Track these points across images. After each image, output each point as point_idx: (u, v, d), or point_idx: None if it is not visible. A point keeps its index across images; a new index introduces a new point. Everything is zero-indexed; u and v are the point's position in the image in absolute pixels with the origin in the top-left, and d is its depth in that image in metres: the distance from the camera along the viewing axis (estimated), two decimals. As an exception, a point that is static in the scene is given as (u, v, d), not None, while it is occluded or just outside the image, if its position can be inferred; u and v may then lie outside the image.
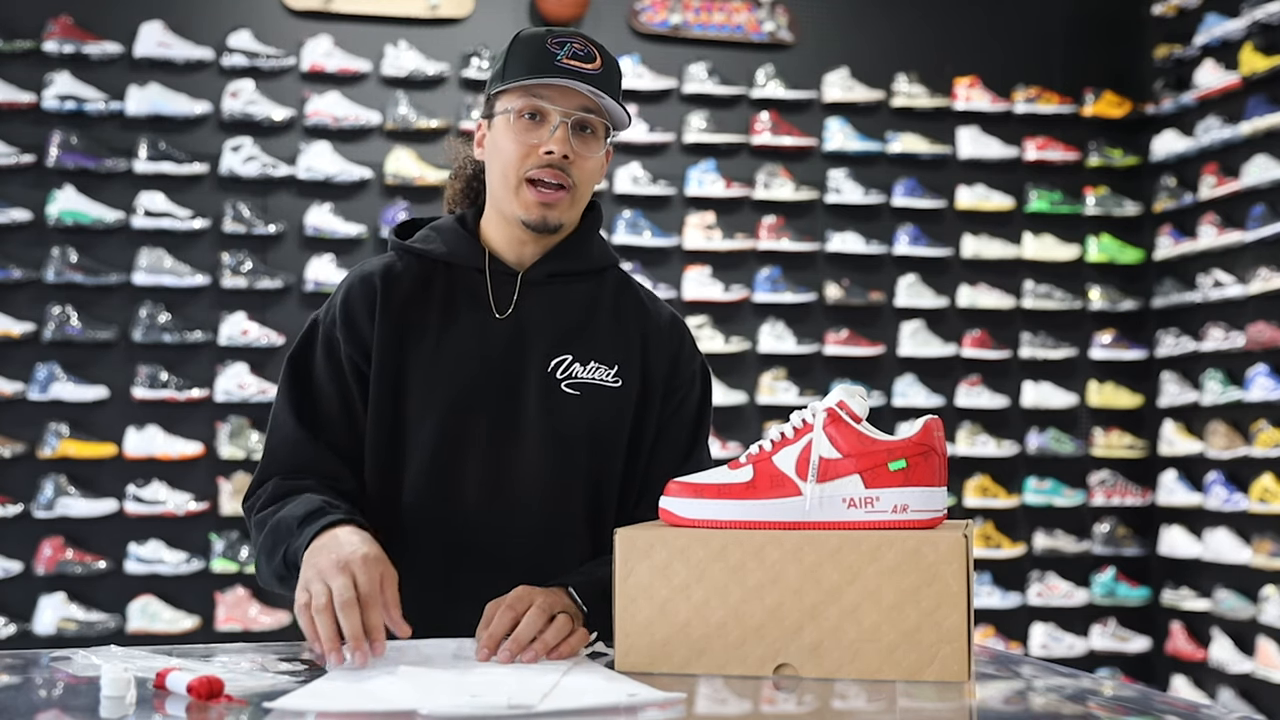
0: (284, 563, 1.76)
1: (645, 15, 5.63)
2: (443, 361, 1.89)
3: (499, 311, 1.92)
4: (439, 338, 1.90)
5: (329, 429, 1.90)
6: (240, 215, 5.16)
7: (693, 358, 2.03)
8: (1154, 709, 1.47)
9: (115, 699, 1.38)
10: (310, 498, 1.78)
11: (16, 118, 5.07)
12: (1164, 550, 5.68)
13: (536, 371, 1.90)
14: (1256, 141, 5.28)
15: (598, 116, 1.89)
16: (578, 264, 1.97)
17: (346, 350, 1.90)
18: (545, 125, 1.87)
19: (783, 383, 5.51)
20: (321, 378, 1.92)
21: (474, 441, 1.88)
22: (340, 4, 5.36)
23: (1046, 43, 5.99)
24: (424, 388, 1.88)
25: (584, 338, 1.93)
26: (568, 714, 1.36)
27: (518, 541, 1.86)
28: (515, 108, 1.87)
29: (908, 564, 1.48)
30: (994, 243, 5.80)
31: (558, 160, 1.86)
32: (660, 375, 1.97)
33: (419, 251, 1.96)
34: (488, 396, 1.89)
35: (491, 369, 1.90)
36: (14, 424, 4.97)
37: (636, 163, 5.51)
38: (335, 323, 1.92)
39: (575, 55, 1.86)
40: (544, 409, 1.89)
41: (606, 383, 1.92)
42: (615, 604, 1.55)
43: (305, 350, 1.94)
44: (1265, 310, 5.19)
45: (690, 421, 2.00)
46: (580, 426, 1.90)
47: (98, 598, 4.95)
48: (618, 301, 2.00)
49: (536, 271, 1.94)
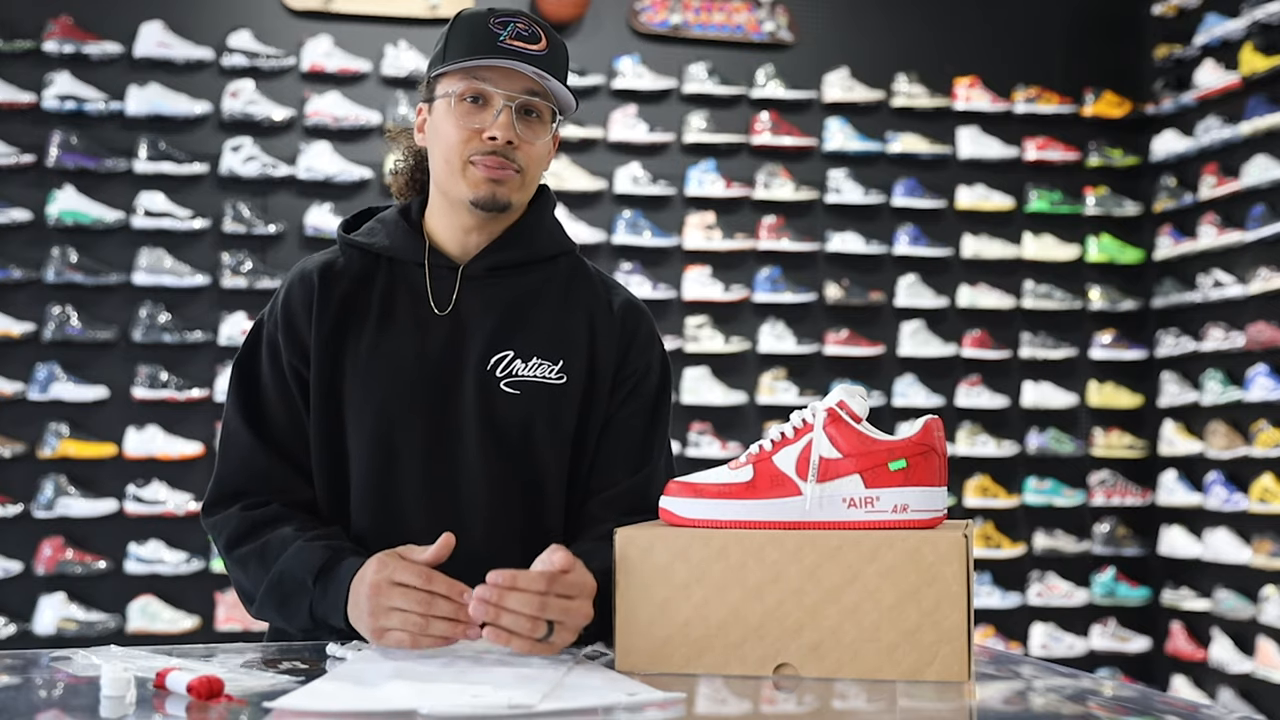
0: (312, 618, 1.73)
1: (645, 15, 5.63)
2: (379, 361, 1.84)
3: (439, 308, 1.86)
4: (376, 337, 1.84)
5: (280, 436, 1.86)
6: (240, 215, 5.16)
7: (649, 346, 1.93)
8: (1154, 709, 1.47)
9: (115, 699, 1.38)
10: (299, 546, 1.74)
11: (16, 118, 5.07)
12: (1164, 550, 5.68)
13: (475, 370, 1.84)
14: (1256, 141, 5.28)
15: (543, 99, 1.82)
16: (523, 254, 1.89)
17: (287, 356, 1.85)
18: (488, 109, 1.80)
19: (783, 383, 5.51)
20: (268, 384, 1.87)
21: (411, 444, 1.82)
22: (340, 4, 5.36)
23: (1046, 43, 5.99)
24: (361, 390, 1.83)
25: (526, 332, 1.86)
26: (568, 714, 1.36)
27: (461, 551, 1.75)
28: (456, 91, 1.81)
29: (908, 564, 1.48)
30: (994, 243, 5.80)
31: (501, 146, 1.80)
32: (609, 365, 1.89)
33: (361, 245, 1.90)
34: (424, 397, 1.83)
35: (429, 368, 1.84)
36: (14, 424, 4.97)
37: (636, 163, 5.51)
38: (277, 325, 1.87)
39: (519, 35, 1.80)
40: (482, 409, 1.83)
41: (549, 379, 1.85)
42: (615, 604, 1.55)
43: (252, 355, 1.89)
44: (1265, 310, 5.19)
45: (644, 411, 1.91)
46: (520, 427, 1.83)
47: (98, 598, 4.95)
48: (567, 292, 1.92)
49: (477, 265, 1.88)
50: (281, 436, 1.86)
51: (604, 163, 5.51)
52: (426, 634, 1.57)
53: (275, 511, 1.82)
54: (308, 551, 1.73)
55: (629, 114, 5.52)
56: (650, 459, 1.91)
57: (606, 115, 5.52)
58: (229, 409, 1.89)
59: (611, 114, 5.53)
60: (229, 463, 1.88)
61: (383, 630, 1.60)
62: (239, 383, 1.89)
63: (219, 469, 1.89)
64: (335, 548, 1.73)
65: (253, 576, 1.79)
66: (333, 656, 1.66)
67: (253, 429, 1.86)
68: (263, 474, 1.85)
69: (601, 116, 5.52)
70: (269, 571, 1.76)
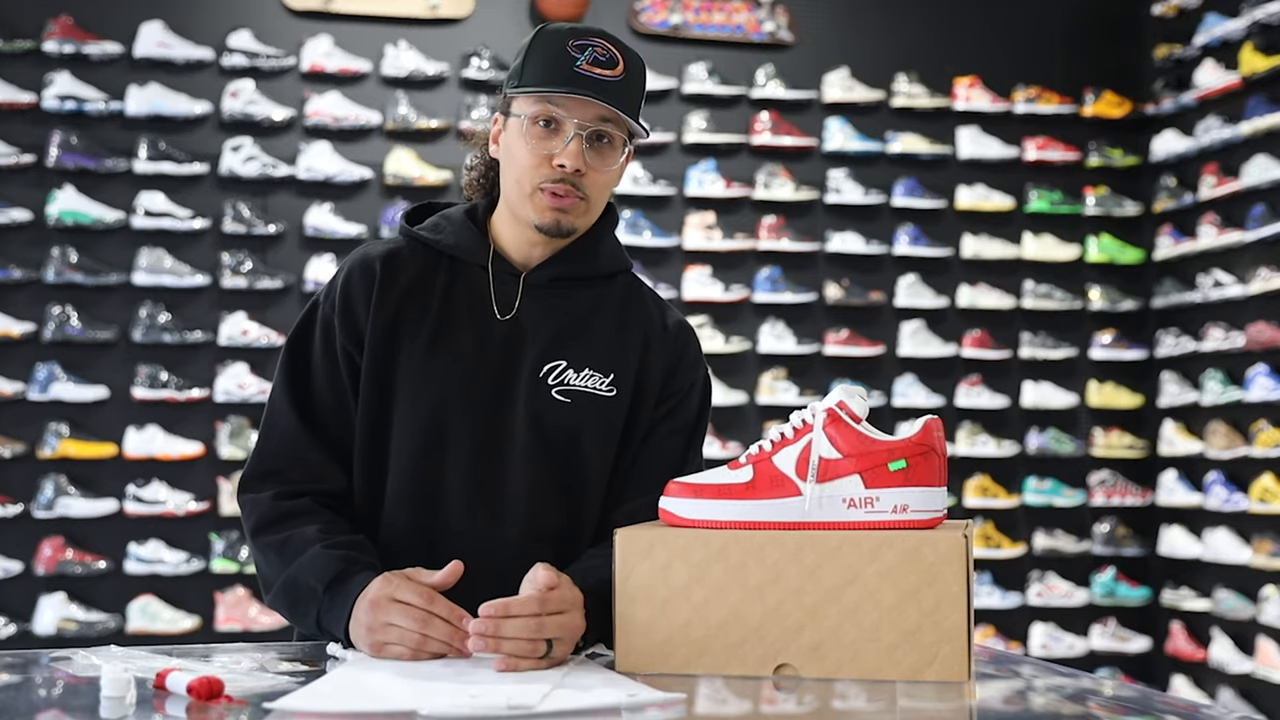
0: (318, 626, 1.74)
1: (645, 15, 5.63)
2: (436, 357, 1.85)
3: (501, 312, 1.88)
4: (435, 333, 1.86)
5: (325, 418, 1.87)
6: (240, 215, 5.16)
7: (695, 367, 1.97)
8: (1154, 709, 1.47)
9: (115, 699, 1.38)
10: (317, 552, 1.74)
11: (16, 118, 5.07)
12: (1164, 550, 5.68)
13: (528, 376, 1.86)
14: (1256, 141, 5.28)
15: (615, 126, 1.83)
16: (583, 269, 1.92)
17: (341, 340, 1.86)
18: (560, 135, 1.80)
19: (783, 383, 5.51)
20: (318, 365, 1.88)
21: (458, 443, 1.84)
22: (340, 4, 5.36)
23: (1046, 43, 5.99)
24: (414, 384, 1.84)
25: (581, 344, 1.89)
26: (568, 714, 1.36)
27: (498, 548, 1.82)
28: (530, 113, 1.81)
29: (908, 564, 1.48)
30: (994, 243, 5.80)
31: (569, 175, 1.81)
32: (655, 381, 1.92)
33: (425, 240, 1.91)
34: (478, 397, 1.85)
35: (485, 370, 1.85)
36: (14, 424, 4.97)
37: (636, 163, 5.51)
38: (334, 307, 1.87)
39: (596, 61, 1.79)
40: (532, 415, 1.85)
41: (600, 391, 1.87)
42: (615, 604, 1.55)
43: (304, 334, 1.90)
44: (1265, 310, 5.19)
45: (685, 429, 1.95)
46: (566, 434, 1.85)
47: (98, 598, 4.95)
48: (623, 308, 1.95)
49: (540, 274, 1.90)
50: (326, 419, 1.87)
51: (604, 163, 5.50)
52: (422, 650, 1.59)
53: (305, 505, 1.83)
54: (324, 559, 1.73)
55: (629, 114, 5.51)
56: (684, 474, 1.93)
57: (606, 115, 5.52)
58: (276, 387, 1.89)
59: (611, 114, 5.52)
60: (270, 441, 1.88)
61: (380, 644, 1.61)
62: (289, 362, 1.89)
63: (259, 445, 1.89)
64: (351, 559, 1.74)
65: (272, 567, 1.80)
66: (333, 657, 1.66)
67: (298, 410, 1.87)
68: (301, 457, 1.85)
69: (601, 116, 5.51)
70: (286, 568, 1.77)
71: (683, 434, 1.95)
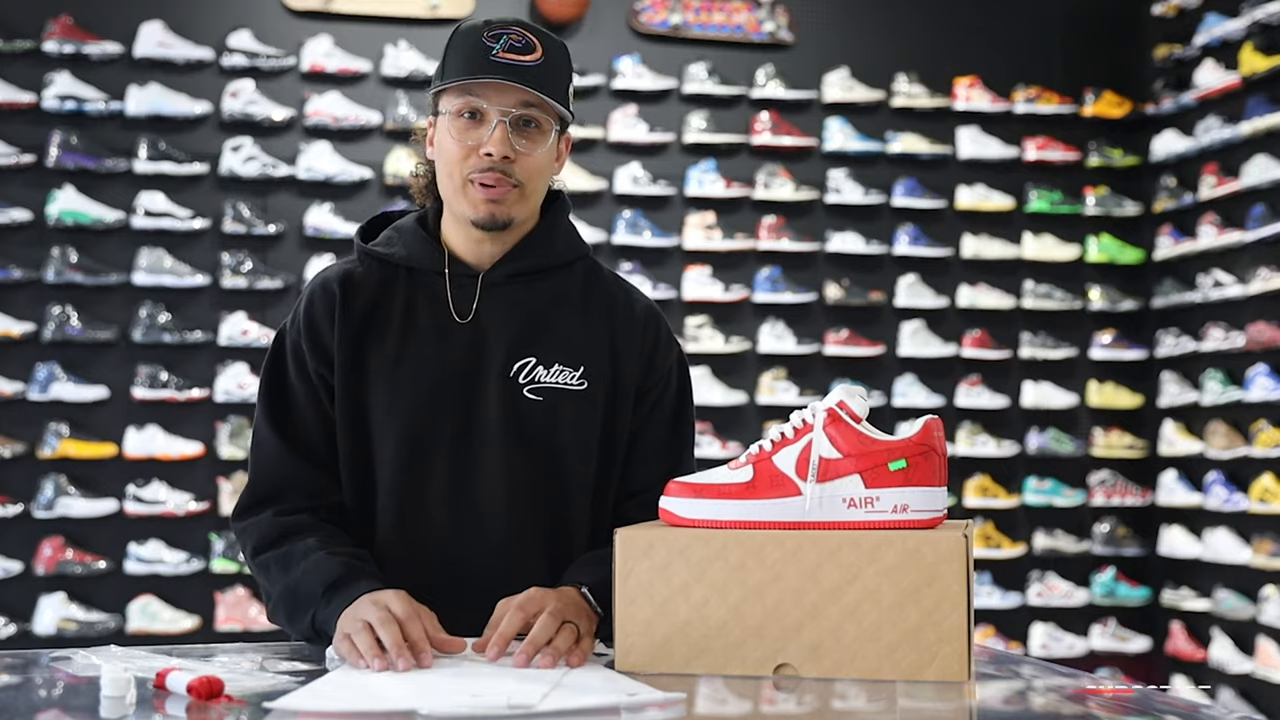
0: (313, 628, 1.74)
1: (645, 15, 5.63)
2: (404, 369, 1.85)
3: (460, 315, 1.87)
4: (399, 345, 1.86)
5: (311, 441, 1.87)
6: (240, 215, 5.16)
7: (668, 350, 1.97)
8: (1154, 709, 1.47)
9: (115, 699, 1.38)
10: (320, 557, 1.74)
11: (16, 118, 5.07)
12: (1164, 550, 5.68)
13: (498, 377, 1.86)
14: (1256, 141, 5.28)
15: (540, 110, 1.83)
16: (539, 261, 1.91)
17: (313, 364, 1.87)
18: (484, 124, 1.81)
19: (783, 383, 5.51)
20: (296, 391, 1.88)
21: (437, 450, 1.84)
22: (340, 4, 5.36)
23: (1046, 43, 5.99)
24: (386, 397, 1.85)
25: (548, 339, 1.88)
26: (568, 714, 1.36)
27: (483, 551, 1.83)
28: (453, 108, 1.82)
29: (908, 564, 1.48)
30: (994, 243, 5.79)
31: (498, 162, 1.81)
32: (632, 375, 1.92)
33: (380, 255, 1.91)
34: (449, 404, 1.85)
35: (452, 375, 1.85)
36: (14, 424, 4.97)
37: (636, 163, 5.51)
38: (300, 333, 1.88)
39: (512, 48, 1.80)
40: (506, 416, 1.85)
41: (571, 385, 1.87)
42: (615, 604, 1.55)
43: (277, 363, 1.90)
44: (1265, 310, 5.19)
45: (670, 418, 1.95)
46: (543, 432, 1.86)
47: (98, 598, 4.95)
48: (586, 296, 1.94)
49: (497, 272, 1.89)
50: (311, 441, 1.87)
51: (604, 163, 5.51)
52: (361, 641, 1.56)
53: (305, 520, 1.83)
54: (327, 563, 1.74)
55: (629, 114, 5.52)
56: (682, 461, 1.95)
57: (606, 115, 5.52)
58: (259, 417, 1.90)
59: (611, 114, 5.53)
60: (260, 469, 1.88)
61: (343, 634, 1.60)
62: (268, 393, 1.90)
63: (251, 476, 1.90)
64: (353, 566, 1.74)
65: (274, 580, 1.80)
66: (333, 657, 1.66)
67: (281, 435, 1.87)
68: (293, 479, 1.86)
69: (601, 116, 5.52)
70: (287, 576, 1.77)
71: (668, 422, 1.95)
